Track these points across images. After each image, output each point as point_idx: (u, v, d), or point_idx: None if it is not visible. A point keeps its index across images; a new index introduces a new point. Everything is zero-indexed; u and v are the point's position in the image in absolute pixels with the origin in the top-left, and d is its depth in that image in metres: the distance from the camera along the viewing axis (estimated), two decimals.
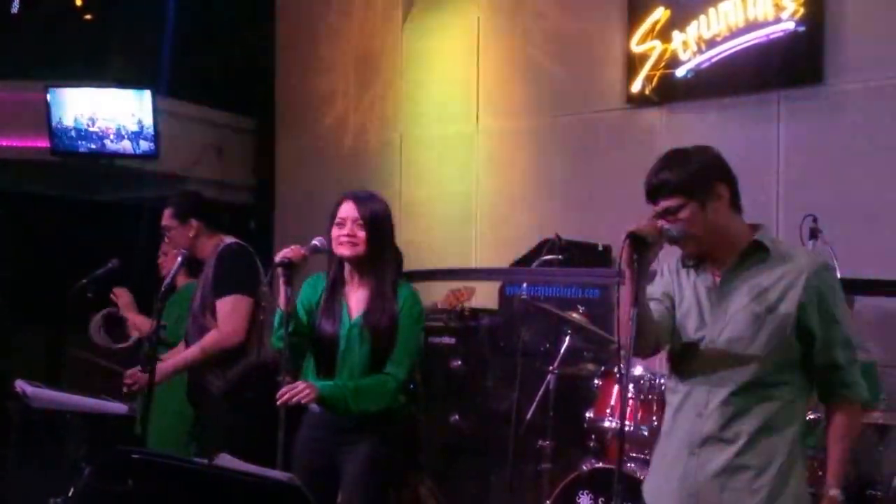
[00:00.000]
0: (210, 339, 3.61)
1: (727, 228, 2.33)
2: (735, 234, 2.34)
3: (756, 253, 2.31)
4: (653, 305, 2.41)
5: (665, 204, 2.30)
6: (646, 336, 2.30)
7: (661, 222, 2.27)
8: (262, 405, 3.47)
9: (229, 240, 3.83)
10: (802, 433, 2.34)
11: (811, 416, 3.57)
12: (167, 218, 3.83)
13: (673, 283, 2.45)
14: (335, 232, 3.02)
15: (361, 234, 2.99)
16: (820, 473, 3.55)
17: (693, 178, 2.31)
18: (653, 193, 2.34)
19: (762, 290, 2.27)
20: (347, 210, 3.03)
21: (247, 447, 2.25)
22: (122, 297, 4.50)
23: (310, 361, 3.11)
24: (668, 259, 2.49)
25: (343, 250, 3.00)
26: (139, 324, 4.48)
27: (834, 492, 2.26)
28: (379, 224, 3.03)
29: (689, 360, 2.37)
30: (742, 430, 2.26)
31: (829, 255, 3.94)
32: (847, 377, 2.28)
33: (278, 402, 2.82)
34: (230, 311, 3.60)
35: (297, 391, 2.82)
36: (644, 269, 2.21)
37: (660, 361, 4.22)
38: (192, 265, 3.89)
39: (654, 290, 2.46)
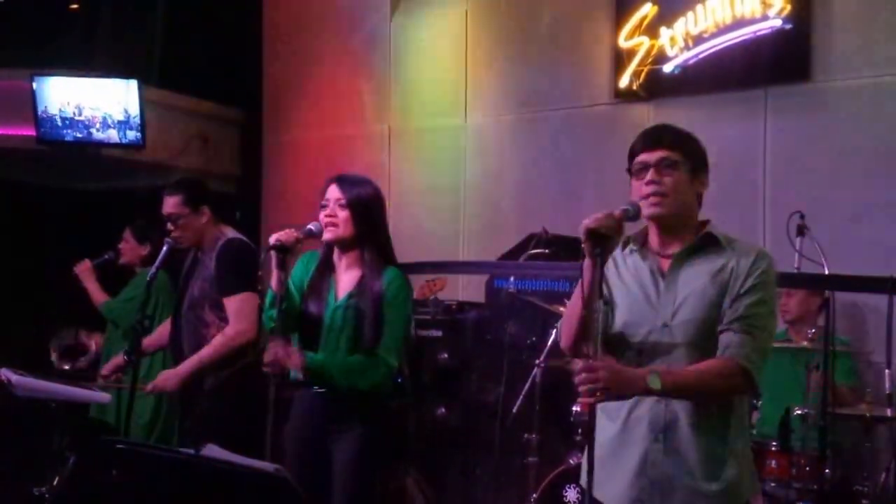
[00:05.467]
0: (219, 341, 3.59)
1: (692, 213, 2.36)
2: (692, 223, 2.36)
3: (708, 243, 2.33)
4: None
5: (663, 154, 2.29)
6: (592, 336, 2.25)
7: (616, 211, 2.23)
8: (250, 399, 3.49)
9: (231, 233, 3.80)
10: (746, 415, 2.38)
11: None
12: (176, 205, 3.72)
13: (608, 274, 2.37)
14: (320, 214, 3.05)
15: (343, 214, 3.01)
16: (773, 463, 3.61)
17: (697, 148, 2.36)
18: (653, 140, 2.32)
19: (713, 274, 2.28)
20: (331, 191, 3.06)
21: (232, 439, 2.24)
22: (84, 264, 4.61)
23: (295, 341, 3.11)
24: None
25: (326, 234, 3.03)
26: (95, 292, 4.53)
27: (654, 384, 2.14)
28: (363, 206, 3.04)
29: (635, 346, 2.32)
30: (707, 412, 2.24)
31: (817, 252, 3.97)
32: (739, 347, 2.20)
33: (265, 366, 2.84)
34: (240, 310, 3.58)
35: (286, 355, 2.86)
36: (605, 261, 2.22)
37: None
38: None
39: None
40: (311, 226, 3.04)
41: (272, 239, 2.93)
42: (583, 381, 2.12)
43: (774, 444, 3.69)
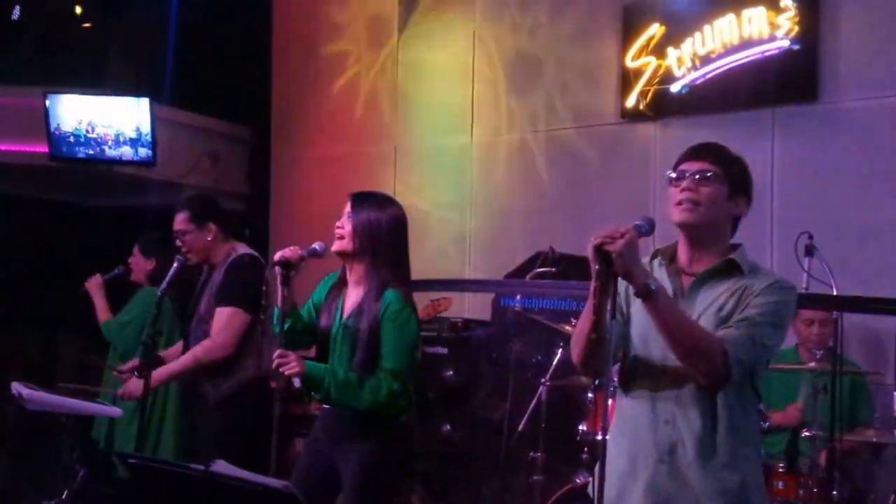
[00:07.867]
0: (201, 348, 3.62)
1: (723, 232, 2.36)
2: (723, 243, 2.36)
3: (731, 268, 2.31)
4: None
5: (704, 166, 2.31)
6: (600, 356, 2.19)
7: (627, 226, 2.12)
8: (256, 416, 3.50)
9: (242, 249, 3.81)
10: (759, 437, 2.36)
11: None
12: (182, 222, 3.76)
13: (629, 288, 2.28)
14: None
15: (349, 227, 3.04)
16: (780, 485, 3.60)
17: (741, 172, 2.39)
18: (698, 152, 2.35)
19: (731, 292, 2.27)
20: (348, 206, 3.11)
21: (238, 455, 2.24)
22: (94, 279, 4.62)
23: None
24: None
25: (334, 245, 3.07)
26: (101, 309, 4.58)
27: (653, 284, 2.13)
28: (369, 224, 3.05)
29: (649, 368, 2.31)
30: (714, 434, 2.23)
31: (825, 272, 3.96)
32: (728, 336, 2.18)
33: (273, 366, 2.87)
34: (225, 324, 3.60)
35: (286, 361, 2.88)
36: (613, 280, 2.12)
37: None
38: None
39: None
40: (315, 245, 3.07)
41: (276, 255, 2.98)
42: (607, 233, 2.09)
43: (782, 465, 3.68)
